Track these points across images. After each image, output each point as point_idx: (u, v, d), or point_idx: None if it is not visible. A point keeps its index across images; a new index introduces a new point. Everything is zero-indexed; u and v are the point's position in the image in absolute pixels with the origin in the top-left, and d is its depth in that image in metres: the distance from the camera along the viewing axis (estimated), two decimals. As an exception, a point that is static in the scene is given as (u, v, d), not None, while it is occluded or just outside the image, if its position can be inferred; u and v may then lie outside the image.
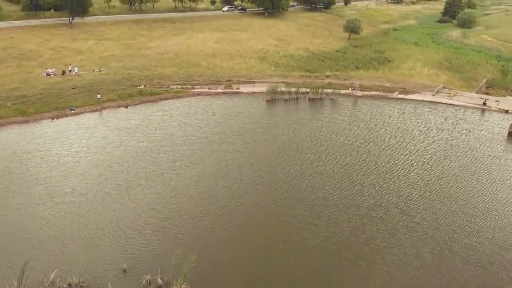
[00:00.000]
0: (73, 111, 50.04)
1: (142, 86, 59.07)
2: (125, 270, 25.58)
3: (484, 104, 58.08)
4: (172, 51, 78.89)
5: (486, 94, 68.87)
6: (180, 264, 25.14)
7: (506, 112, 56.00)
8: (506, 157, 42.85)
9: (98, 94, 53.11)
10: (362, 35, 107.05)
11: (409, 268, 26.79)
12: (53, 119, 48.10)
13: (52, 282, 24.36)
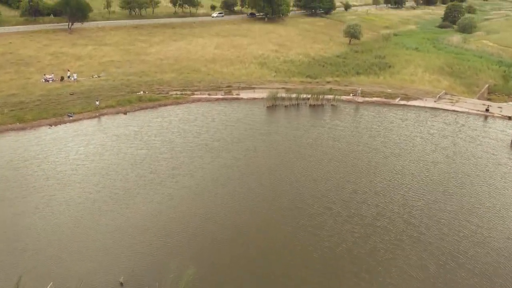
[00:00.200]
0: (71, 117, 49.45)
1: (141, 92, 58.51)
2: (122, 284, 24.90)
3: (487, 110, 57.50)
4: (172, 56, 78.37)
5: (488, 100, 68.30)
6: (178, 277, 24.46)
7: (509, 118, 55.35)
8: (511, 164, 42.21)
9: (97, 101, 52.56)
10: (363, 40, 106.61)
11: (414, 280, 26.12)
12: (51, 126, 47.49)
13: (47, 296, 23.71)
